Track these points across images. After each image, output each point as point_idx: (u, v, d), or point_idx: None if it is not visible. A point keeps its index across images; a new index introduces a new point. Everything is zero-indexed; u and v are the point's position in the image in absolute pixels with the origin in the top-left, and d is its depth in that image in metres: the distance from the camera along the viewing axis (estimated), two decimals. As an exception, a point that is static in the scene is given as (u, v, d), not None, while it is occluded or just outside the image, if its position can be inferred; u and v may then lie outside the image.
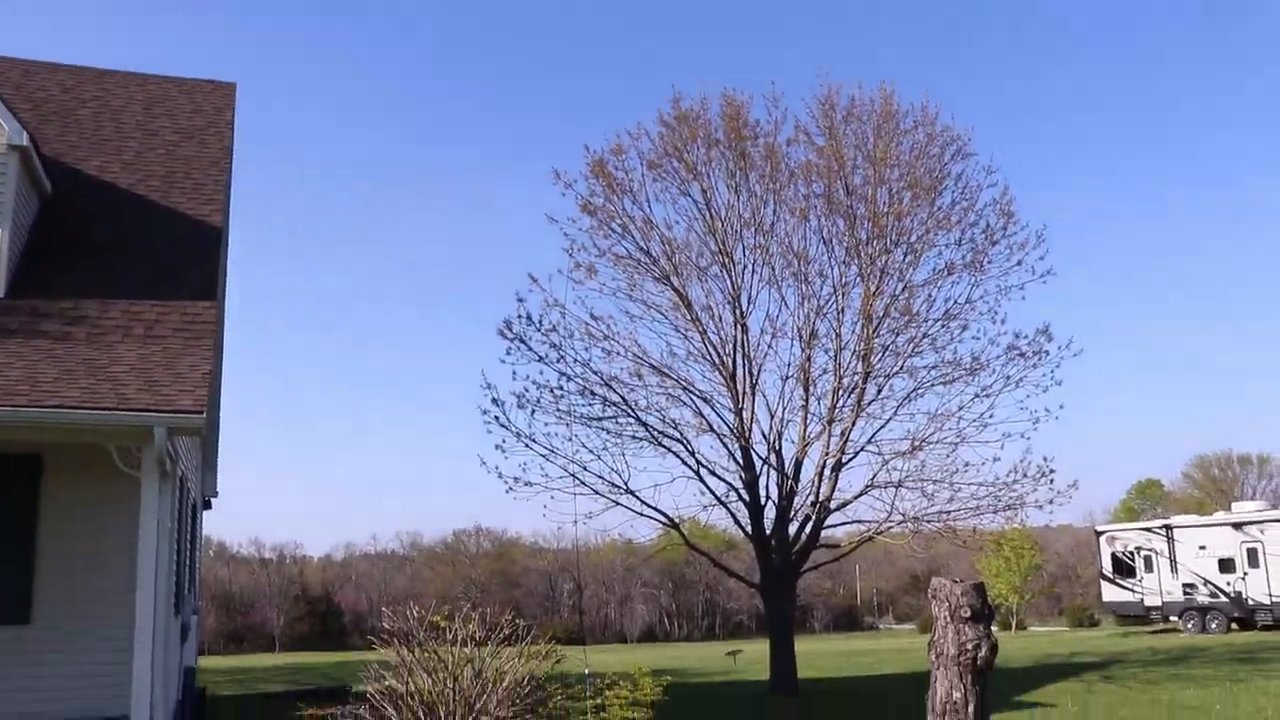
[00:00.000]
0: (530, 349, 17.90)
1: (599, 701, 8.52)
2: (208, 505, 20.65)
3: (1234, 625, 33.51)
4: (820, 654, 30.73)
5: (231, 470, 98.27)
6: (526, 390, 17.78)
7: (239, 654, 47.59)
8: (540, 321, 17.99)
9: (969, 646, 8.08)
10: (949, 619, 8.21)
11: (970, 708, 8.08)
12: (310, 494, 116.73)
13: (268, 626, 62.22)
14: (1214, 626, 33.52)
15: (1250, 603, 32.98)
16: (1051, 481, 17.24)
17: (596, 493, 17.65)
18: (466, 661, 8.51)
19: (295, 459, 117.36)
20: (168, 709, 10.16)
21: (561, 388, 17.84)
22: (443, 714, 8.32)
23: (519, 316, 17.93)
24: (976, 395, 17.59)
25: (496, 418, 17.60)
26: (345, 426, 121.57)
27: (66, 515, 11.03)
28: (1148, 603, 35.70)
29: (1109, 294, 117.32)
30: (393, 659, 8.72)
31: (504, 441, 17.81)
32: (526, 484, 17.50)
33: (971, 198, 18.36)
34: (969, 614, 8.12)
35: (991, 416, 17.49)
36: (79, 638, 10.79)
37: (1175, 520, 37.08)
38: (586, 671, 7.90)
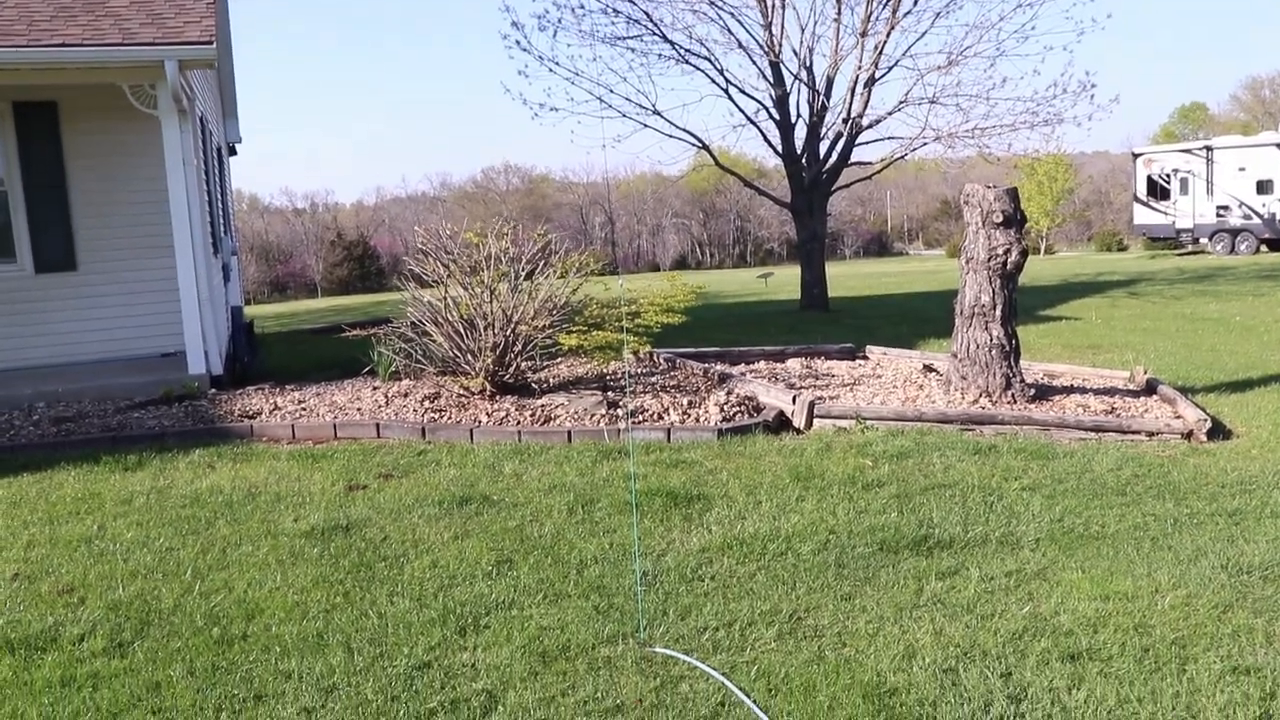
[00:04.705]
0: (546, -38, 16.98)
1: (633, 309, 8.72)
2: (233, 151, 20.64)
3: (1263, 247, 33.59)
4: (850, 276, 31.36)
5: (254, 122, 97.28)
6: (547, 11, 17.11)
7: (283, 301, 49.20)
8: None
9: (999, 251, 8.13)
10: (980, 224, 8.21)
11: (998, 310, 8.25)
12: (337, 139, 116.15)
13: (308, 274, 63.82)
14: (1243, 248, 33.62)
15: (1283, 223, 32.89)
16: (1092, 97, 16.66)
17: (624, 115, 17.31)
18: (502, 275, 8.66)
19: (318, 105, 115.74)
20: (220, 342, 10.59)
21: (583, 6, 17.03)
22: (482, 328, 8.56)
23: (533, -70, 16.86)
24: (1019, 4, 16.61)
25: (518, 41, 16.99)
26: (365, 66, 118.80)
27: (93, 164, 11.05)
28: (1179, 225, 35.64)
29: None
30: (428, 276, 8.88)
31: (527, 67, 17.44)
32: (552, 109, 17.17)
33: None
34: (1000, 219, 8.10)
35: (1033, 28, 16.67)
36: (125, 281, 11.14)
37: (1216, 141, 36.20)
38: (621, 284, 8.04)
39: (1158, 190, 36.29)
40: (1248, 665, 3.78)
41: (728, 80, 17.49)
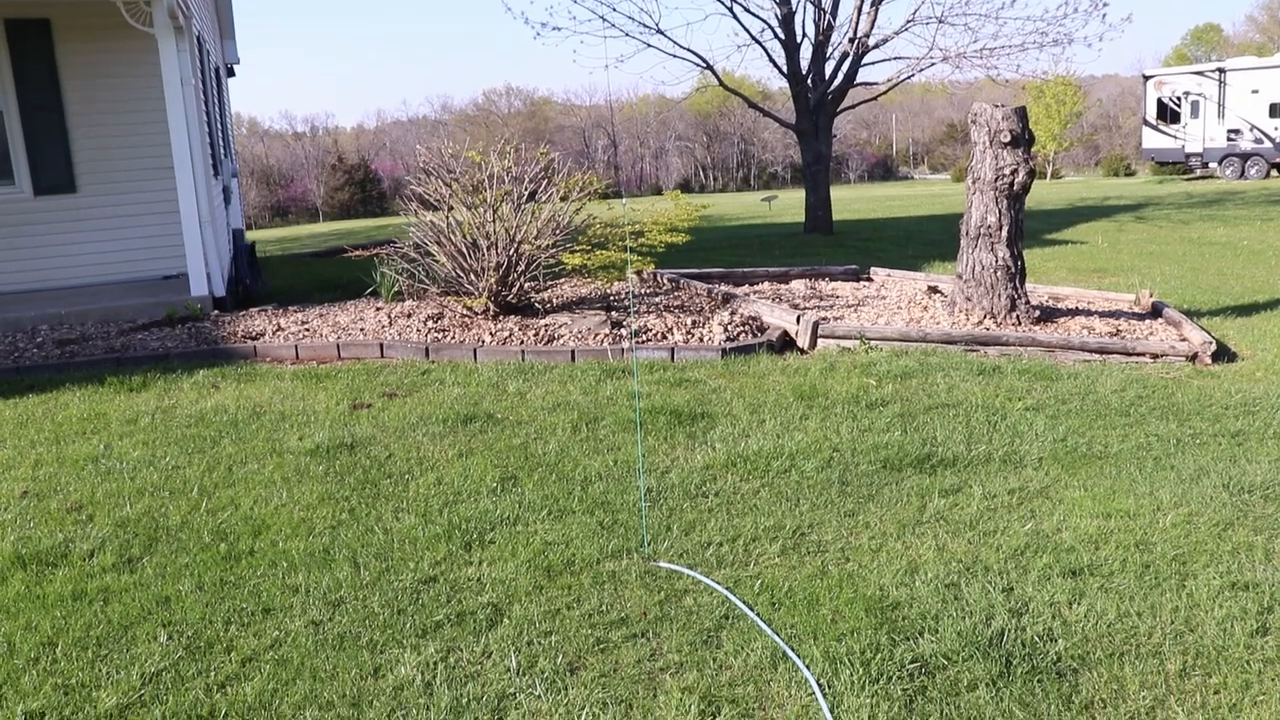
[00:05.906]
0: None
1: (637, 229, 8.66)
2: (231, 73, 20.43)
3: (1273, 171, 33.23)
4: (855, 199, 31.12)
5: (253, 44, 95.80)
6: (550, -77, 16.74)
7: (284, 226, 48.93)
8: None
9: (1006, 171, 8.03)
10: (988, 143, 8.10)
11: (1004, 231, 8.18)
12: (337, 63, 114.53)
13: (309, 198, 63.31)
14: (1253, 173, 33.26)
15: (1294, 147, 32.49)
16: (1104, 16, 16.34)
17: (627, 34, 17.05)
18: (505, 195, 8.59)
19: (317, 27, 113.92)
20: (222, 264, 10.55)
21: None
22: (485, 247, 8.51)
23: None
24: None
25: (520, -43, 16.69)
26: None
27: (90, 84, 10.92)
28: (1189, 149, 35.21)
29: None
30: (431, 197, 8.81)
31: (529, -17, 17.15)
32: (555, 29, 16.91)
33: None
34: (1008, 139, 7.99)
35: (1046, -58, 16.28)
36: (126, 203, 11.10)
37: (1230, 63, 35.59)
38: (625, 203, 7.96)
39: (1168, 114, 35.80)
40: (1246, 581, 3.81)
41: (732, -2, 17.21)
